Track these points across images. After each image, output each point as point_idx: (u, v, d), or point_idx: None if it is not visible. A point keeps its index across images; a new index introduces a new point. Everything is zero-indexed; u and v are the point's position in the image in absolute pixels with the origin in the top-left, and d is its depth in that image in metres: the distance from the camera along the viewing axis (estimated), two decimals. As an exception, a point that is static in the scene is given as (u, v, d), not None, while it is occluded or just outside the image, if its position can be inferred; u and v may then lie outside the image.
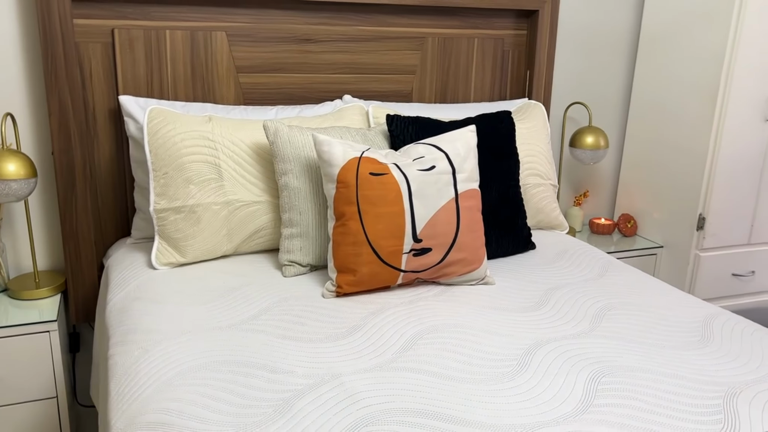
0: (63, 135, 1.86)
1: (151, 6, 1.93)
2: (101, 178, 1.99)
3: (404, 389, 1.17)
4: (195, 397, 1.14)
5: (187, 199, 1.72)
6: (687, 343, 1.40)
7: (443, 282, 1.67)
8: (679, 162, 2.47)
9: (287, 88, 2.12)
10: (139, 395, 1.16)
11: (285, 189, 1.71)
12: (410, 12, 2.21)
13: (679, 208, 2.49)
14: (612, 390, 1.20)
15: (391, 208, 1.56)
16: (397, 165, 1.60)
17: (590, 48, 2.60)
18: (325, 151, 1.60)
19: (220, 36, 2.00)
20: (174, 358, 1.26)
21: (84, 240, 1.94)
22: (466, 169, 1.66)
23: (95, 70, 1.92)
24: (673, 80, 2.47)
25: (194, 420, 1.07)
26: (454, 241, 1.61)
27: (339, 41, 2.14)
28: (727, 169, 2.38)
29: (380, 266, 1.56)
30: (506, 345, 1.36)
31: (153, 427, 1.07)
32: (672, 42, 2.47)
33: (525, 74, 2.43)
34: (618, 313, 1.54)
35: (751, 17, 2.23)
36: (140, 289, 1.60)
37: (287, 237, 1.72)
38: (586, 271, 1.82)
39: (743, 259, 2.54)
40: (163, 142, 1.73)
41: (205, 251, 1.75)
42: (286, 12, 2.07)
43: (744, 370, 1.29)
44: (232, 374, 1.21)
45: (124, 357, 1.31)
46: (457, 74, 2.32)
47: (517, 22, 2.38)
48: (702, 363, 1.31)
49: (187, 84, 2.00)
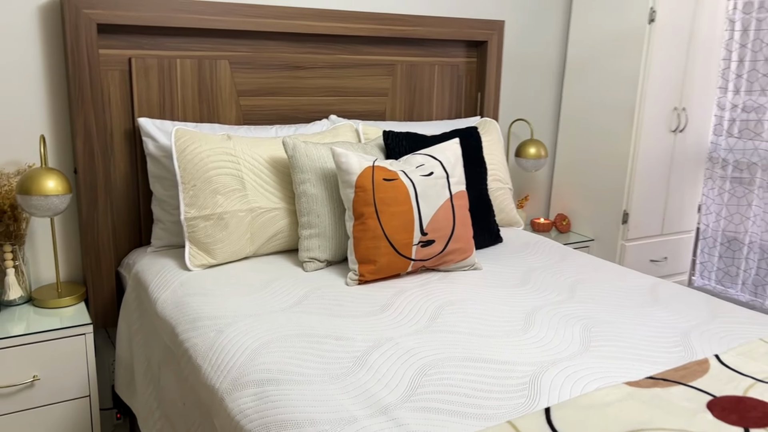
0: (87, 154, 2.04)
1: (163, 38, 2.15)
2: (117, 193, 2.17)
3: (446, 345, 1.48)
4: (285, 359, 1.39)
5: (215, 208, 1.95)
6: (643, 303, 1.80)
7: (442, 269, 2.00)
8: (604, 167, 2.94)
9: (281, 109, 2.39)
10: (234, 363, 1.40)
11: (303, 195, 1.98)
12: (383, 42, 2.54)
13: (606, 206, 2.95)
14: (601, 336, 1.56)
15: (402, 207, 1.87)
16: (404, 172, 1.92)
17: (526, 72, 3.03)
18: (344, 162, 1.89)
19: (224, 64, 2.25)
20: (251, 335, 1.50)
21: (104, 252, 2.11)
22: (456, 174, 2.00)
23: (113, 94, 2.11)
24: (596, 98, 2.94)
25: (294, 374, 1.33)
26: (452, 233, 1.94)
27: (324, 68, 2.44)
28: (643, 172, 2.86)
29: (395, 256, 1.86)
30: (510, 311, 1.70)
31: (261, 383, 1.32)
32: (593, 67, 2.94)
33: (476, 95, 2.82)
34: (586, 285, 1.92)
35: (658, 46, 2.73)
36: (185, 287, 1.81)
37: (306, 237, 1.98)
38: (549, 257, 2.20)
39: (658, 247, 3.03)
40: (191, 158, 1.95)
41: (232, 253, 1.98)
42: (280, 42, 2.34)
43: (689, 318, 1.70)
44: (306, 342, 1.47)
45: (201, 338, 1.54)
46: (422, 96, 2.67)
47: (468, 51, 2.77)
48: (659, 315, 1.71)
49: (195, 106, 2.23)
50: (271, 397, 1.27)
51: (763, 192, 2.93)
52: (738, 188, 3.04)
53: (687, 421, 1.18)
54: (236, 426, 1.25)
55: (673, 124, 2.89)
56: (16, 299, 2.02)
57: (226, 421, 1.29)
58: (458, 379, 1.33)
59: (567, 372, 1.37)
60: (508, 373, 1.36)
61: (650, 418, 1.18)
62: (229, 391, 1.34)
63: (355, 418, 1.18)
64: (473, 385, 1.31)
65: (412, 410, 1.21)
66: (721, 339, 1.58)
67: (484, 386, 1.31)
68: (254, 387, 1.31)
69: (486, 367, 1.38)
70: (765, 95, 2.85)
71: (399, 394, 1.27)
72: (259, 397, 1.28)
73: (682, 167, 2.99)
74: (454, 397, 1.26)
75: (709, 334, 1.60)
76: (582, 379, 1.35)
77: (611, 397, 1.25)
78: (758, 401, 1.26)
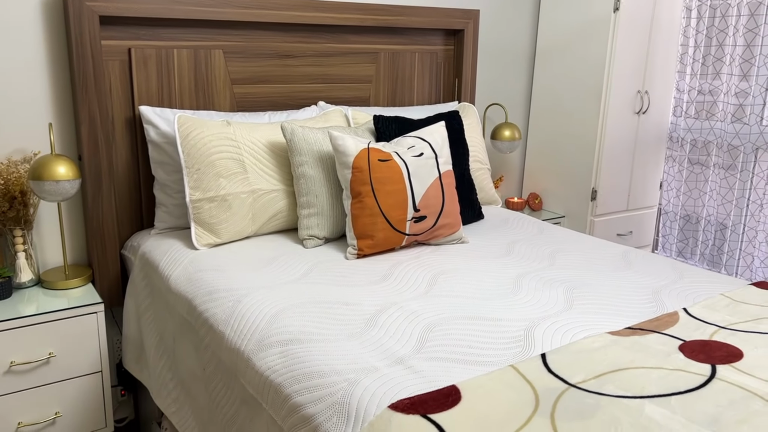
0: (91, 142, 2.13)
1: (161, 29, 2.24)
2: (119, 178, 2.26)
3: (446, 306, 1.64)
4: (303, 321, 1.53)
5: (218, 190, 2.07)
6: (617, 268, 1.98)
7: (433, 243, 2.15)
8: (573, 148, 3.13)
9: (272, 96, 2.50)
10: (256, 327, 1.53)
11: (302, 177, 2.11)
12: (367, 32, 2.67)
13: (576, 185, 3.15)
14: (583, 296, 1.74)
15: (396, 186, 2.02)
16: (397, 153, 2.06)
17: (500, 59, 3.20)
18: (340, 144, 2.02)
19: (218, 53, 2.35)
20: (267, 303, 1.63)
21: (108, 235, 2.21)
22: (444, 154, 2.16)
23: (114, 84, 2.20)
24: (565, 83, 3.13)
25: (314, 334, 1.47)
26: (442, 209, 2.10)
27: (312, 56, 2.56)
28: (610, 152, 3.06)
29: (391, 231, 2.01)
30: (499, 278, 1.86)
31: (284, 343, 1.45)
32: (562, 53, 3.13)
33: (454, 81, 2.97)
34: (564, 254, 2.10)
35: (622, 33, 2.92)
36: (195, 264, 1.93)
37: (305, 216, 2.11)
38: (528, 230, 2.37)
39: (624, 221, 3.24)
40: (194, 144, 2.06)
41: (235, 233, 2.10)
42: (271, 32, 2.45)
43: (658, 279, 1.89)
44: (319, 308, 1.61)
45: (219, 308, 1.66)
46: (404, 82, 2.82)
47: (446, 39, 2.92)
48: (632, 278, 1.90)
49: (191, 94, 2.33)
50: (296, 354, 1.41)
51: (718, 169, 3.16)
52: (696, 166, 3.27)
53: (662, 360, 1.36)
54: (265, 381, 1.39)
55: (636, 106, 3.09)
56: (26, 282, 2.11)
57: (255, 378, 1.43)
58: (461, 334, 1.49)
59: (556, 326, 1.54)
60: (504, 328, 1.53)
61: (632, 359, 1.36)
62: (255, 351, 1.47)
63: (376, 367, 1.33)
64: (475, 339, 1.47)
65: (424, 360, 1.36)
66: (687, 295, 1.77)
67: (484, 339, 1.47)
68: (279, 347, 1.45)
69: (484, 324, 1.54)
70: (719, 78, 3.07)
71: (411, 348, 1.42)
72: (285, 354, 1.42)
73: (645, 147, 3.20)
74: (460, 349, 1.42)
75: (676, 292, 1.79)
76: (569, 331, 1.52)
77: (597, 344, 1.42)
78: (722, 343, 1.44)
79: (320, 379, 1.31)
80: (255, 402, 1.43)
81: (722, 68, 3.05)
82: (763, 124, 2.94)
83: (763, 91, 2.91)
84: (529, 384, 1.25)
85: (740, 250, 3.11)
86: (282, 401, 1.33)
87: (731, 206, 3.11)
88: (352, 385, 1.26)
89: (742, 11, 2.92)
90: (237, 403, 1.52)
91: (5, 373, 1.94)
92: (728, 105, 3.02)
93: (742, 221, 3.09)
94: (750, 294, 1.75)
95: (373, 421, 1.15)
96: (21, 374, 1.96)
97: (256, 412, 1.43)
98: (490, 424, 1.12)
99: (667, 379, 1.28)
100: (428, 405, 1.17)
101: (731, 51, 2.98)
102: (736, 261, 3.12)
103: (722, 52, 3.04)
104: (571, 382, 1.26)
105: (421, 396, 1.20)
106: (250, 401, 1.46)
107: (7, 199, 2.02)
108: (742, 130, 2.99)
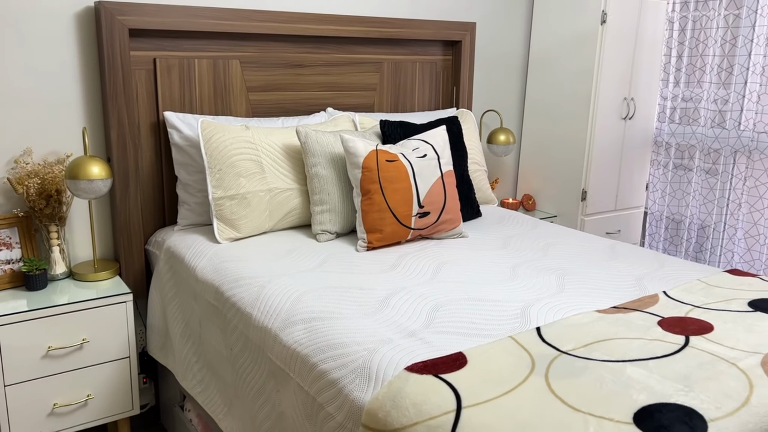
0: (120, 144, 2.30)
1: (183, 41, 2.43)
2: (144, 178, 2.44)
3: (450, 290, 1.82)
4: (324, 303, 1.71)
5: (239, 189, 2.24)
6: (605, 258, 2.17)
7: (436, 237, 2.34)
8: (564, 151, 3.33)
9: (284, 103, 2.69)
10: (281, 308, 1.71)
11: (315, 177, 2.29)
12: (371, 43, 2.87)
13: (567, 186, 3.34)
14: (573, 281, 1.92)
15: (402, 184, 2.20)
16: (402, 154, 2.25)
17: (495, 68, 3.40)
18: (351, 146, 2.21)
19: (235, 63, 2.54)
20: (289, 288, 1.81)
21: (134, 231, 2.39)
22: (445, 156, 2.35)
23: (140, 91, 2.38)
24: (556, 91, 3.33)
25: (334, 313, 1.65)
26: (444, 206, 2.28)
27: (321, 66, 2.75)
28: (598, 155, 3.26)
29: (398, 226, 2.19)
30: (497, 267, 2.05)
31: (308, 321, 1.63)
32: (553, 63, 3.33)
33: (452, 89, 3.17)
34: (556, 247, 2.28)
35: (609, 44, 3.13)
36: (219, 256, 2.11)
37: (318, 213, 2.29)
38: (523, 227, 2.56)
39: (612, 221, 3.44)
40: (216, 146, 2.24)
41: (254, 228, 2.28)
42: (283, 44, 2.64)
43: (641, 267, 2.08)
44: (337, 292, 1.79)
45: (246, 293, 1.84)
46: (405, 90, 3.01)
47: (445, 50, 3.11)
48: (619, 266, 2.09)
49: (210, 101, 2.51)
50: (319, 329, 1.58)
51: (700, 172, 3.36)
52: (679, 169, 3.47)
53: (643, 333, 1.54)
54: (293, 353, 1.57)
55: (623, 112, 3.29)
56: (59, 274, 2.28)
57: (282, 351, 1.60)
58: (465, 312, 1.67)
59: (549, 306, 1.73)
60: (503, 307, 1.71)
61: (616, 331, 1.54)
62: (282, 328, 1.65)
63: (391, 339, 1.51)
64: (477, 316, 1.65)
65: (433, 333, 1.55)
66: (667, 281, 1.96)
67: (486, 317, 1.65)
68: (303, 324, 1.63)
69: (485, 304, 1.73)
70: (699, 86, 3.28)
71: (421, 323, 1.60)
72: (309, 330, 1.60)
73: (631, 150, 3.40)
74: (464, 324, 1.60)
75: (658, 278, 1.98)
76: (561, 310, 1.70)
77: (586, 320, 1.61)
78: (696, 319, 1.63)
79: (342, 349, 1.49)
80: (282, 373, 1.61)
81: (703, 77, 3.26)
82: (741, 129, 3.15)
83: (740, 98, 3.12)
84: (526, 351, 1.44)
85: (721, 247, 3.31)
86: (309, 369, 1.51)
87: (713, 206, 3.31)
88: (371, 353, 1.44)
89: (720, 24, 3.14)
90: (264, 375, 1.70)
91: (43, 357, 2.10)
92: (709, 111, 3.23)
93: (722, 220, 3.29)
94: (723, 279, 1.94)
95: (392, 380, 1.33)
96: (57, 358, 2.13)
97: (283, 383, 1.61)
98: (493, 382, 1.30)
99: (646, 347, 1.47)
100: (439, 367, 1.35)
101: (711, 61, 3.19)
102: (718, 257, 3.32)
103: (702, 62, 3.25)
104: (563, 349, 1.45)
105: (433, 360, 1.38)
106: (278, 373, 1.63)
107: (43, 197, 2.19)
108: (721, 134, 3.20)
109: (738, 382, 1.31)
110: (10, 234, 2.22)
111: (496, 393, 1.26)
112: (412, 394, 1.27)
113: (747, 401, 1.25)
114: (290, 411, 1.58)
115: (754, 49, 3.05)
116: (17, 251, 2.22)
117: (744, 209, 3.20)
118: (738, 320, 1.62)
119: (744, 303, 1.74)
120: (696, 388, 1.28)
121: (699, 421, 1.18)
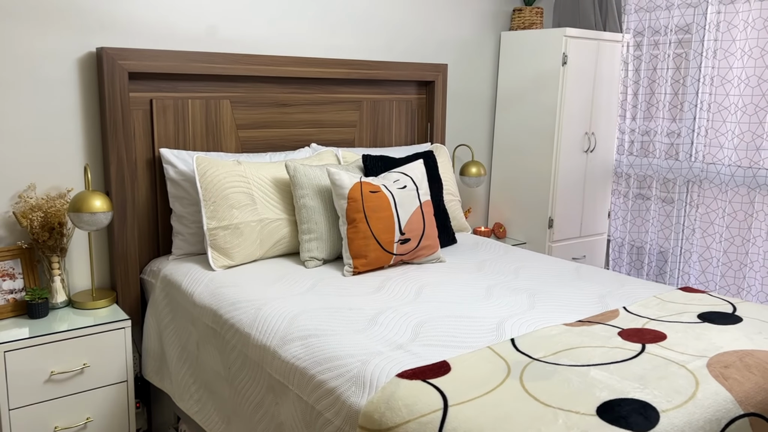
0: (119, 179, 2.45)
1: (178, 82, 2.60)
2: (139, 211, 2.58)
3: (432, 309, 2.00)
4: (318, 322, 1.87)
5: (232, 219, 2.40)
6: (571, 279, 2.38)
7: (416, 262, 2.52)
8: (532, 182, 3.56)
9: (271, 139, 2.87)
10: (278, 327, 1.87)
11: (304, 207, 2.46)
12: (351, 84, 3.08)
13: (534, 214, 3.57)
14: (542, 299, 2.12)
15: (385, 213, 2.39)
16: (384, 185, 2.44)
17: (466, 106, 3.63)
18: (337, 179, 2.39)
19: (226, 103, 2.72)
20: (284, 309, 1.97)
21: (131, 261, 2.52)
22: (423, 187, 2.54)
23: (137, 129, 2.54)
24: (522, 126, 3.57)
25: (328, 330, 1.81)
26: (423, 233, 2.47)
27: (305, 105, 2.94)
28: (563, 185, 3.50)
29: (381, 252, 2.37)
30: (473, 288, 2.23)
31: (304, 337, 1.79)
32: (519, 100, 3.58)
33: (426, 125, 3.39)
34: (527, 270, 2.48)
35: (570, 83, 3.39)
36: (215, 282, 2.25)
37: (306, 240, 2.46)
38: (496, 252, 2.76)
39: (578, 247, 3.66)
40: (210, 180, 2.41)
41: (246, 256, 2.44)
42: (270, 85, 2.83)
43: (603, 287, 2.28)
44: (328, 312, 1.95)
45: (243, 315, 1.99)
46: (383, 126, 3.22)
47: (419, 89, 3.34)
48: (582, 286, 2.29)
49: (203, 138, 2.68)
50: (315, 344, 1.74)
51: (657, 200, 3.62)
52: (639, 198, 3.73)
53: (604, 342, 1.74)
54: (291, 367, 1.72)
55: (584, 145, 3.54)
56: (60, 303, 2.39)
57: (281, 366, 1.76)
58: (446, 327, 1.85)
59: (522, 320, 1.92)
60: (480, 322, 1.89)
61: (581, 341, 1.73)
62: (280, 345, 1.80)
63: (381, 351, 1.67)
64: (458, 330, 1.83)
65: (419, 346, 1.72)
66: (627, 298, 2.16)
67: (465, 331, 1.83)
68: (300, 340, 1.78)
69: (464, 320, 1.90)
70: (653, 121, 3.56)
71: (407, 337, 1.77)
72: (306, 345, 1.75)
73: (593, 181, 3.65)
74: (446, 337, 1.77)
75: (618, 296, 2.19)
76: (533, 324, 1.89)
77: (554, 332, 1.80)
78: (652, 330, 1.83)
79: (338, 361, 1.65)
80: (281, 386, 1.76)
81: (656, 112, 3.54)
82: (692, 160, 3.42)
83: (690, 132, 3.40)
84: (502, 359, 1.61)
85: (679, 270, 3.56)
86: (307, 381, 1.66)
87: (670, 232, 3.56)
88: (364, 364, 1.61)
89: (669, 65, 3.43)
90: (263, 390, 1.84)
91: (46, 381, 2.21)
92: (663, 144, 3.50)
93: (679, 245, 3.54)
94: (676, 296, 2.16)
95: (385, 386, 1.49)
96: (59, 383, 2.24)
97: (282, 395, 1.76)
98: (475, 384, 1.47)
99: (607, 354, 1.66)
100: (426, 374, 1.52)
101: (662, 98, 3.48)
102: (676, 279, 3.56)
103: (655, 99, 3.53)
104: (535, 357, 1.63)
105: (421, 368, 1.55)
106: (276, 387, 1.78)
107: (46, 230, 2.32)
108: (674, 165, 3.47)
109: (686, 381, 1.50)
110: (14, 265, 2.34)
111: (477, 393, 1.43)
112: (404, 397, 1.44)
113: (693, 396, 1.44)
114: (289, 421, 1.73)
115: (701, 87, 3.34)
116: (20, 281, 2.34)
117: (698, 234, 3.46)
118: (688, 330, 1.82)
119: (694, 315, 1.95)
120: (650, 385, 1.47)
121: (652, 412, 1.36)
